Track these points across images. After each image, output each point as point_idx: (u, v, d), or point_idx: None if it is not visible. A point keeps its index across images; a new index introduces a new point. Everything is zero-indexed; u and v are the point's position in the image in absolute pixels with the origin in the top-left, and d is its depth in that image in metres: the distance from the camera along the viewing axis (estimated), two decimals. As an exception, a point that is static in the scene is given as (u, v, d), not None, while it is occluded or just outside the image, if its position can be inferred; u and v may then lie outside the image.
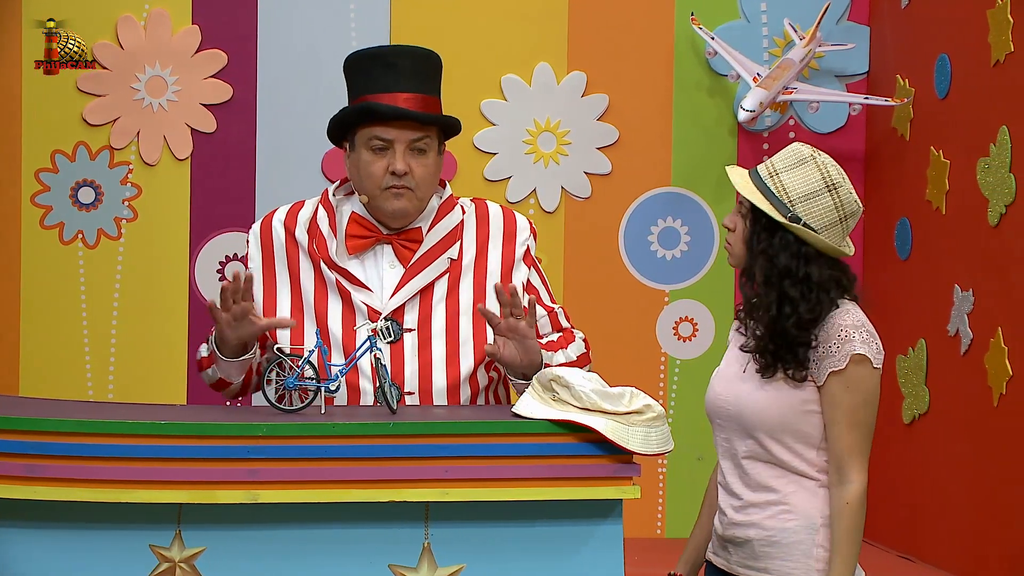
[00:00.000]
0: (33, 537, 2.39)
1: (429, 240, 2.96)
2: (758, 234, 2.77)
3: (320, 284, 2.94)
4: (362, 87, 2.96)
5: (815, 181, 2.74)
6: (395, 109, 2.90)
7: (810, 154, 2.76)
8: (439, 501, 2.41)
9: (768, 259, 2.76)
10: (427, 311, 2.92)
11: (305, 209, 3.03)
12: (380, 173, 2.92)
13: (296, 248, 2.98)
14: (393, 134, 2.91)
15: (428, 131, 2.95)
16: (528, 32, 5.10)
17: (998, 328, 4.10)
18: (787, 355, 2.74)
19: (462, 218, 3.02)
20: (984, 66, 4.25)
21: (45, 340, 4.98)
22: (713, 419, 2.88)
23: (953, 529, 4.40)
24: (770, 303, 2.75)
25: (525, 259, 3.05)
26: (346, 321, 2.91)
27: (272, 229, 3.02)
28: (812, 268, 2.75)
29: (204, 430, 2.39)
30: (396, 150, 2.91)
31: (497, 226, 3.05)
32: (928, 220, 4.65)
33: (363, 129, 2.93)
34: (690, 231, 5.17)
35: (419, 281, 2.94)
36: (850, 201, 2.76)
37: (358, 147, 2.94)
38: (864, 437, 2.73)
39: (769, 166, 2.78)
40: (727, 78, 5.14)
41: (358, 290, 2.92)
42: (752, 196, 2.76)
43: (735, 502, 2.82)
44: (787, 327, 2.73)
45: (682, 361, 5.17)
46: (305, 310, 2.93)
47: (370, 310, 2.90)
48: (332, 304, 2.92)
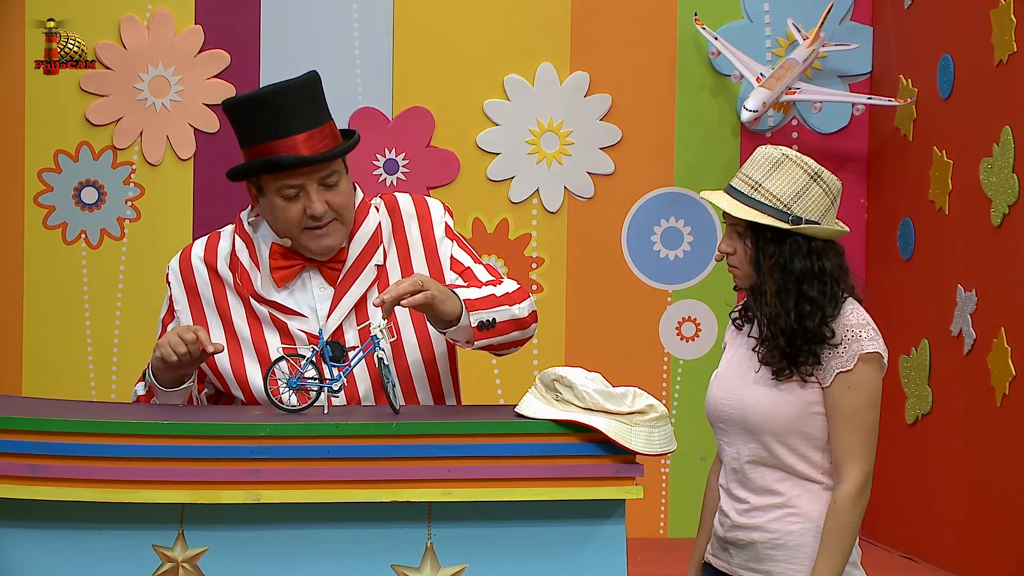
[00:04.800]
0: (35, 537, 2.40)
1: (352, 253, 2.92)
2: (765, 249, 2.75)
3: (253, 319, 2.90)
4: (254, 135, 2.87)
5: (799, 177, 2.74)
6: (299, 159, 2.83)
7: (781, 154, 2.75)
8: (442, 501, 2.41)
9: (782, 269, 2.75)
10: (365, 320, 2.90)
11: (223, 242, 2.97)
12: (298, 218, 2.85)
13: (221, 284, 2.93)
14: (302, 179, 2.84)
15: (333, 164, 2.88)
16: (531, 32, 5.10)
17: (1001, 328, 4.10)
18: (808, 356, 2.73)
19: (378, 219, 2.98)
20: (987, 66, 4.25)
21: (48, 340, 4.98)
22: (715, 423, 2.87)
23: (956, 529, 4.40)
24: (789, 310, 2.74)
25: (447, 235, 2.99)
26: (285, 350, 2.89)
27: (193, 267, 2.96)
28: (824, 261, 2.75)
29: (207, 430, 2.39)
30: (309, 193, 2.84)
31: (410, 214, 3.00)
32: (931, 220, 4.65)
33: (269, 179, 2.86)
34: (693, 231, 5.17)
35: (351, 297, 2.90)
36: (833, 182, 2.76)
37: (268, 194, 2.87)
38: (864, 440, 2.72)
39: (746, 180, 2.76)
40: (730, 78, 5.14)
41: (292, 318, 2.88)
42: (750, 215, 2.73)
43: (739, 505, 2.81)
44: (811, 328, 2.72)
45: (685, 361, 5.17)
46: (243, 347, 2.89)
47: (309, 336, 2.87)
48: (270, 337, 2.88)
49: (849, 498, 2.70)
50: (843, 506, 2.70)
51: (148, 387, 2.89)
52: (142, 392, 2.92)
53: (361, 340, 2.87)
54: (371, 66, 5.09)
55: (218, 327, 2.91)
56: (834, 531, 2.70)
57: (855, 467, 2.71)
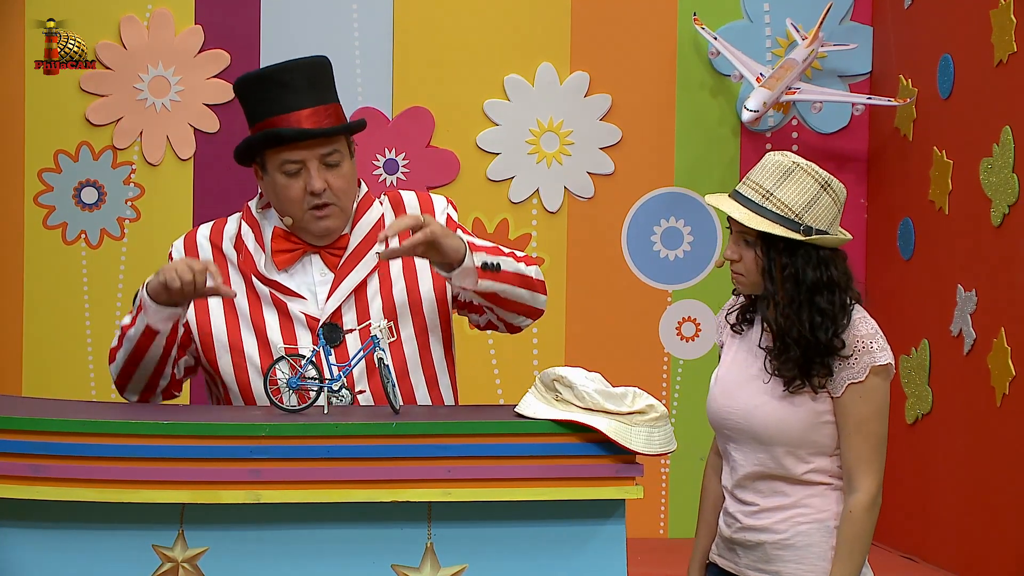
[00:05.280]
0: (36, 537, 2.40)
1: (354, 241, 2.95)
2: (777, 260, 2.73)
3: (254, 297, 2.92)
4: (260, 111, 2.92)
5: (810, 187, 2.71)
6: (300, 131, 2.86)
7: (791, 162, 2.72)
8: (442, 501, 2.41)
9: (794, 280, 2.73)
10: (364, 307, 2.92)
11: (229, 225, 3.01)
12: (299, 196, 2.89)
13: (224, 261, 2.96)
14: (303, 155, 2.88)
15: (336, 143, 2.92)
16: (531, 32, 5.10)
17: (1001, 328, 4.10)
18: (820, 368, 2.73)
19: (381, 211, 3.01)
20: (987, 66, 4.25)
21: (48, 340, 4.98)
22: (719, 429, 2.86)
23: (956, 529, 4.40)
24: (803, 322, 2.72)
25: (448, 225, 3.00)
26: (285, 331, 2.90)
27: (197, 244, 3.00)
28: (832, 270, 2.74)
29: (207, 430, 2.39)
30: (310, 169, 2.88)
31: (413, 207, 3.03)
32: (931, 220, 4.65)
33: (272, 154, 2.90)
34: (693, 231, 5.17)
35: (350, 281, 2.93)
36: (841, 190, 2.76)
37: (271, 171, 2.91)
38: (874, 448, 2.72)
39: (756, 187, 2.73)
40: (730, 78, 5.14)
41: (293, 300, 2.91)
42: (762, 226, 2.70)
43: (746, 508, 2.80)
44: (824, 340, 2.71)
45: (685, 361, 5.17)
46: (242, 322, 2.91)
47: (308, 318, 2.89)
48: (268, 315, 2.90)
49: (864, 508, 2.71)
50: (858, 515, 2.71)
51: (137, 308, 2.86)
52: (127, 321, 2.90)
53: (361, 340, 2.88)
54: (371, 66, 5.09)
55: (217, 300, 2.93)
56: (849, 539, 2.71)
57: (868, 476, 2.71)
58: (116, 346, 2.93)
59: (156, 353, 2.88)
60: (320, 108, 2.91)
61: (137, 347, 2.88)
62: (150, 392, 2.96)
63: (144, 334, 2.86)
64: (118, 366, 2.93)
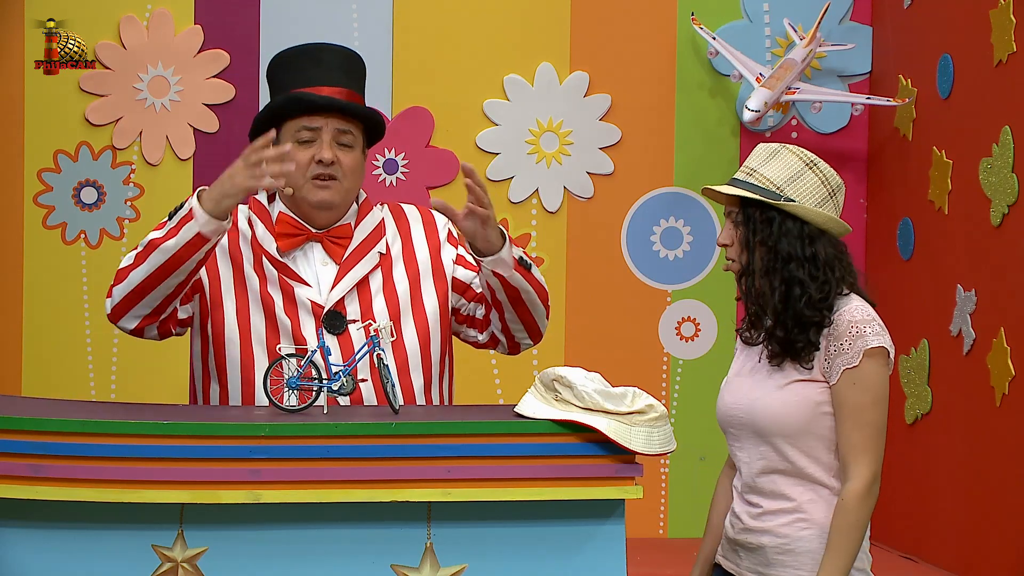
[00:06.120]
0: (35, 537, 2.40)
1: (358, 236, 3.02)
2: (754, 228, 2.76)
3: (261, 271, 2.97)
4: (289, 82, 2.99)
5: (794, 163, 2.76)
6: (325, 98, 2.94)
7: (779, 145, 2.80)
8: (441, 501, 2.42)
9: (768, 248, 2.75)
10: (367, 303, 2.96)
11: (242, 207, 3.06)
12: (306, 162, 2.94)
13: (236, 233, 3.00)
14: (320, 122, 2.94)
15: (354, 126, 2.99)
16: (530, 32, 5.10)
17: (1000, 328, 4.10)
18: (800, 338, 2.72)
19: (382, 215, 3.09)
20: (987, 66, 4.25)
21: (47, 340, 4.98)
22: (726, 429, 2.86)
23: (956, 529, 4.40)
24: (774, 289, 2.74)
25: (449, 240, 3.10)
26: (289, 312, 2.92)
27: None
28: (818, 247, 2.74)
29: (206, 430, 2.40)
30: (323, 139, 2.95)
31: (415, 218, 3.12)
32: (931, 220, 4.65)
33: (291, 122, 2.96)
34: (692, 231, 5.17)
35: (355, 274, 2.98)
36: (832, 175, 2.77)
37: (285, 139, 2.96)
38: (871, 437, 2.70)
39: (744, 169, 2.80)
40: (729, 78, 5.14)
41: (298, 285, 2.95)
42: (740, 193, 2.76)
43: (751, 509, 2.80)
44: (799, 309, 2.71)
45: (684, 361, 5.17)
46: (251, 296, 2.95)
47: (313, 304, 2.92)
48: (274, 293, 2.95)
49: (856, 496, 2.67)
50: (850, 504, 2.67)
51: (180, 220, 2.81)
52: (157, 235, 2.84)
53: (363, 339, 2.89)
54: (371, 66, 4.98)
55: (228, 271, 2.97)
56: (841, 530, 2.67)
57: (862, 465, 2.68)
58: (131, 265, 2.87)
59: (188, 267, 2.83)
60: (348, 91, 2.99)
61: (174, 258, 2.81)
62: (153, 318, 2.92)
63: (189, 244, 2.81)
64: (131, 284, 2.86)
